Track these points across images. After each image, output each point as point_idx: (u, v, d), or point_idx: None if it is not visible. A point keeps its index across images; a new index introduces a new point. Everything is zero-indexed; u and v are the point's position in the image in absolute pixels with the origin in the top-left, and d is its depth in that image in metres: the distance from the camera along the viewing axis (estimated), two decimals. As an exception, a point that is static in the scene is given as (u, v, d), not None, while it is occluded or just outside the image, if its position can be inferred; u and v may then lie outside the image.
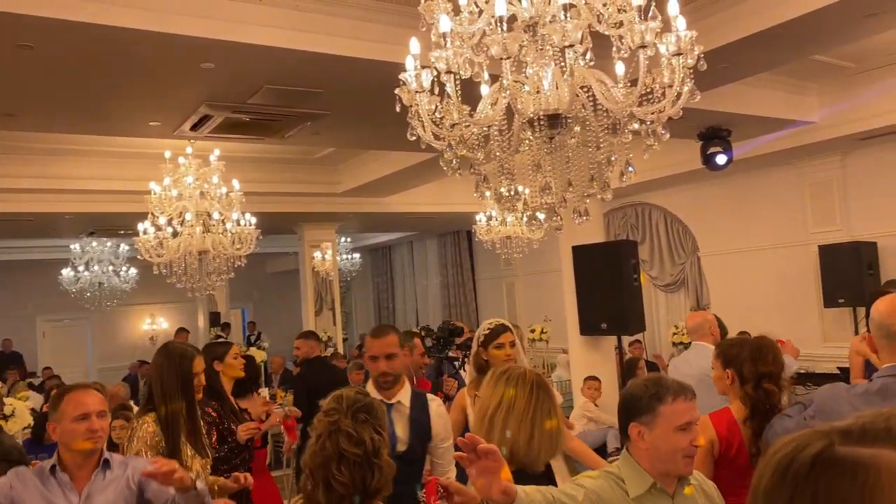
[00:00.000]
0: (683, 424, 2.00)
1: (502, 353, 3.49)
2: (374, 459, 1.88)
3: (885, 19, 4.53)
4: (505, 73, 2.54)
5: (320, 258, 11.54)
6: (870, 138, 7.34)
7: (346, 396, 1.97)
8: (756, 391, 2.82)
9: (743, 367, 2.88)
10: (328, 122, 5.94)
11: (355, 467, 1.86)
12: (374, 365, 3.06)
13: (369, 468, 1.87)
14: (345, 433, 1.88)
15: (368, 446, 1.88)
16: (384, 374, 3.03)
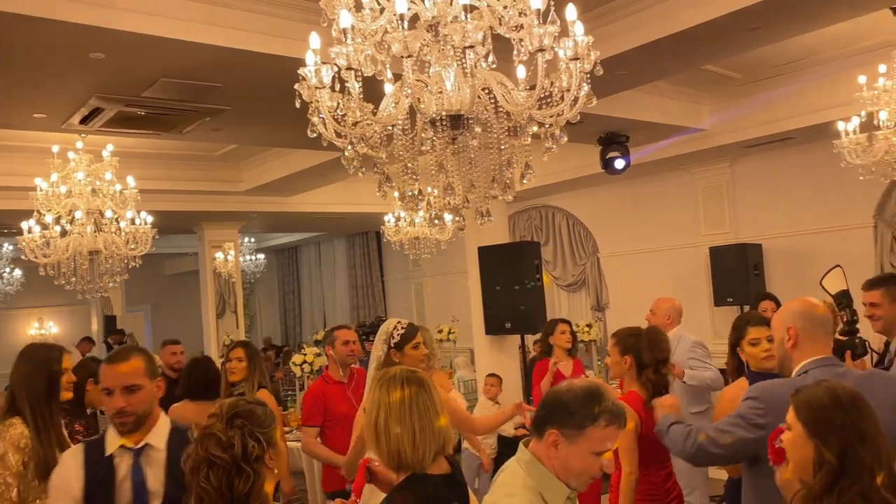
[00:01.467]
0: (603, 450, 2.01)
1: (419, 354, 3.38)
2: (243, 465, 1.83)
3: (768, 33, 4.82)
4: (406, 72, 2.54)
5: (222, 259, 11.19)
6: (756, 146, 7.78)
7: (228, 402, 1.94)
8: (656, 375, 3.20)
9: (642, 355, 3.23)
10: (228, 117, 5.77)
11: (222, 473, 1.81)
12: (109, 401, 2.36)
13: (238, 474, 1.82)
14: (215, 438, 1.84)
15: (237, 451, 1.83)
16: (121, 412, 2.34)
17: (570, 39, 2.66)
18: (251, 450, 1.85)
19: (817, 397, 1.82)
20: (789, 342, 2.48)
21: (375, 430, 2.12)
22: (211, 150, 8.67)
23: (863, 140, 5.24)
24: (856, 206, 7.46)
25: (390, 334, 3.38)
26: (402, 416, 2.09)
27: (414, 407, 2.10)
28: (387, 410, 2.10)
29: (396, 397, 2.11)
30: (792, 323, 2.48)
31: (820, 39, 5.97)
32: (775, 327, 2.58)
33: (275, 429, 1.96)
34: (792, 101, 6.95)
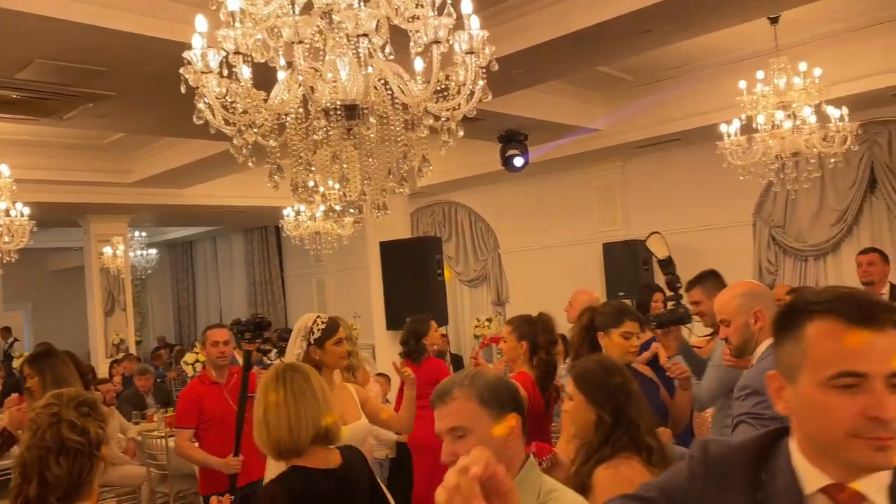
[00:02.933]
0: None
1: (342, 350, 3.21)
2: (95, 451, 1.82)
3: (659, 36, 5.02)
4: (297, 59, 2.47)
5: (110, 254, 10.63)
6: (646, 146, 8.11)
7: (65, 393, 1.89)
8: (547, 356, 3.46)
9: (537, 338, 3.48)
10: (113, 104, 5.47)
11: (76, 458, 1.78)
12: None
13: (89, 460, 1.81)
14: (67, 422, 1.80)
15: (92, 436, 1.82)
16: None
17: (465, 33, 2.67)
18: (101, 437, 1.84)
19: (591, 369, 2.22)
20: (757, 324, 2.53)
21: (259, 424, 2.21)
22: (97, 138, 8.22)
23: (743, 142, 5.53)
24: (737, 205, 7.91)
25: (309, 329, 3.18)
26: (278, 402, 2.18)
27: (289, 392, 2.19)
28: (265, 402, 2.20)
29: (273, 387, 2.21)
30: (758, 305, 2.55)
31: (706, 45, 6.27)
32: (732, 312, 2.60)
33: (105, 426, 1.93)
34: (679, 104, 7.28)
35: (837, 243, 7.48)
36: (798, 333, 1.14)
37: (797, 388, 1.13)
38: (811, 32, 6.18)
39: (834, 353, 1.09)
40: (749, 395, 2.30)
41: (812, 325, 1.12)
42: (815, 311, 1.13)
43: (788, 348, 1.15)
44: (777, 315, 1.20)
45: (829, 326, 1.11)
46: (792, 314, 1.16)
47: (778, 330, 1.18)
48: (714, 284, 3.98)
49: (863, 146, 6.90)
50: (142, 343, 14.62)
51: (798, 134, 5.30)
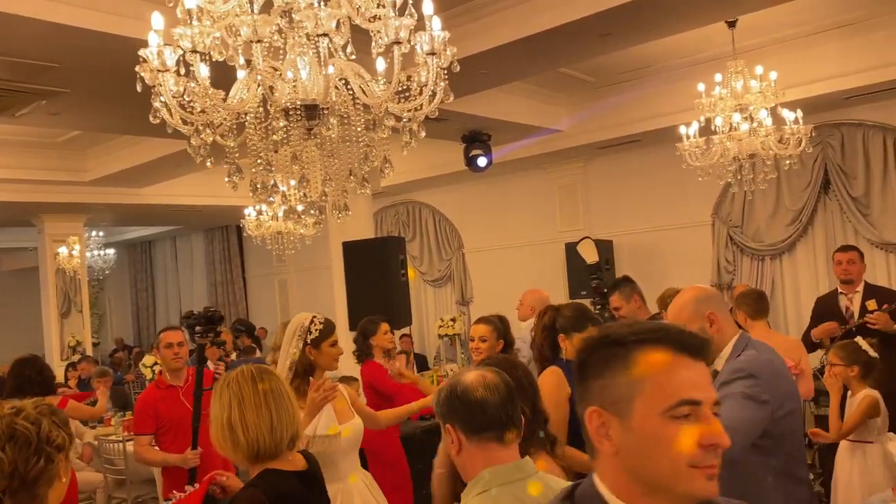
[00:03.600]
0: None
1: (336, 352, 3.15)
2: (45, 446, 1.73)
3: (618, 39, 5.08)
4: (256, 58, 2.44)
5: (66, 254, 10.38)
6: (608, 147, 8.20)
7: (30, 400, 1.82)
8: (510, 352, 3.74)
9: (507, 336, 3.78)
10: (68, 101, 5.34)
11: (23, 446, 1.70)
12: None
13: (37, 452, 1.71)
14: (23, 413, 1.73)
15: (43, 429, 1.73)
16: None
17: (426, 34, 2.66)
18: (55, 436, 1.74)
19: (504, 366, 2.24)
20: (713, 328, 2.54)
21: (230, 426, 2.12)
22: (52, 135, 8.02)
23: (701, 143, 5.62)
24: (696, 205, 8.04)
25: (307, 329, 3.10)
26: (258, 404, 2.12)
27: (269, 394, 2.15)
28: (240, 403, 2.12)
29: (250, 389, 2.14)
30: (710, 309, 2.56)
31: (665, 48, 6.37)
32: (686, 319, 2.60)
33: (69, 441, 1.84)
34: (640, 106, 7.38)
35: (793, 243, 7.66)
36: (628, 365, 1.09)
37: (630, 423, 1.08)
38: (767, 37, 6.31)
39: (672, 382, 1.07)
40: (745, 377, 2.34)
41: (645, 356, 1.09)
42: (645, 341, 1.10)
43: (617, 381, 1.10)
44: (593, 347, 1.14)
45: (663, 357, 1.08)
46: (616, 346, 1.11)
47: (598, 363, 1.12)
48: (629, 288, 4.10)
49: (816, 148, 7.08)
50: (99, 345, 14.33)
51: (755, 136, 5.41)
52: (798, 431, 2.39)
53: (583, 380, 1.15)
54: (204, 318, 3.70)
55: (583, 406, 1.14)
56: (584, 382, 1.14)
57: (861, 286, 4.98)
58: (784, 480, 2.34)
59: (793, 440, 2.37)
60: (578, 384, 1.16)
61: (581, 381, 1.15)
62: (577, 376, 1.17)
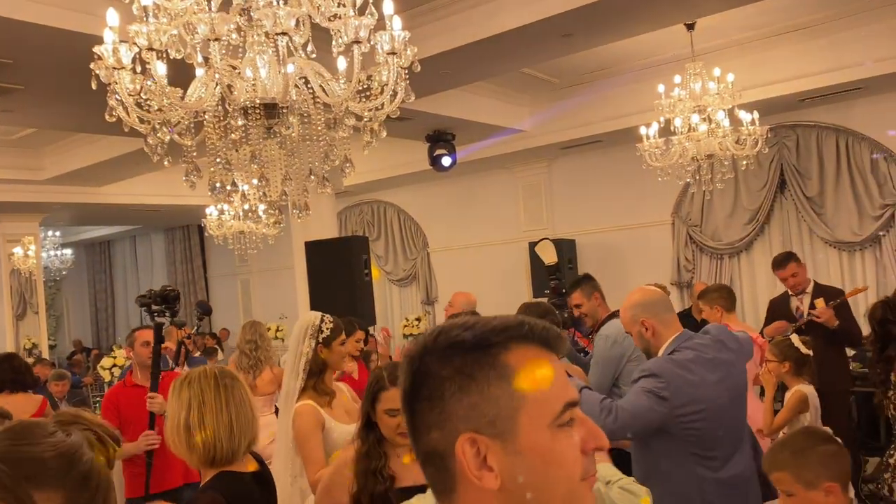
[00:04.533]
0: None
1: (345, 351, 3.21)
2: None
3: (579, 40, 5.13)
4: (213, 56, 2.42)
5: (21, 254, 10.13)
6: (571, 147, 8.27)
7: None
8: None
9: None
10: (22, 97, 5.21)
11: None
12: None
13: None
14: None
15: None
16: None
17: (386, 33, 2.67)
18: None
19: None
20: (648, 332, 2.68)
21: (187, 428, 2.08)
22: (6, 133, 7.82)
23: (661, 144, 5.71)
24: (656, 205, 8.16)
25: (318, 328, 3.09)
26: (219, 407, 2.10)
27: (230, 398, 2.12)
28: (200, 405, 2.09)
29: (212, 391, 2.12)
30: (643, 316, 2.69)
31: (626, 50, 6.45)
32: (627, 323, 2.76)
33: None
34: (602, 107, 7.46)
35: (750, 242, 7.82)
36: (502, 372, 0.87)
37: (516, 443, 0.85)
38: (725, 39, 6.44)
39: (553, 384, 0.89)
40: (650, 376, 2.51)
41: (518, 358, 0.88)
42: (512, 338, 0.89)
43: (492, 394, 0.86)
44: (443, 357, 0.90)
45: (534, 354, 0.89)
46: (476, 350, 0.88)
47: (455, 376, 0.88)
48: (591, 286, 4.18)
49: (773, 149, 7.24)
50: (56, 347, 14.02)
51: (713, 137, 5.51)
52: (708, 429, 2.50)
53: (431, 400, 0.89)
54: (160, 296, 3.67)
55: (438, 435, 0.88)
56: (435, 404, 0.88)
57: (810, 287, 5.13)
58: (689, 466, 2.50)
59: (702, 436, 2.50)
60: (418, 408, 0.90)
61: (427, 403, 0.89)
62: (413, 398, 0.91)
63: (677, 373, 2.51)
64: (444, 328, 0.92)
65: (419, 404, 0.90)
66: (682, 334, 2.69)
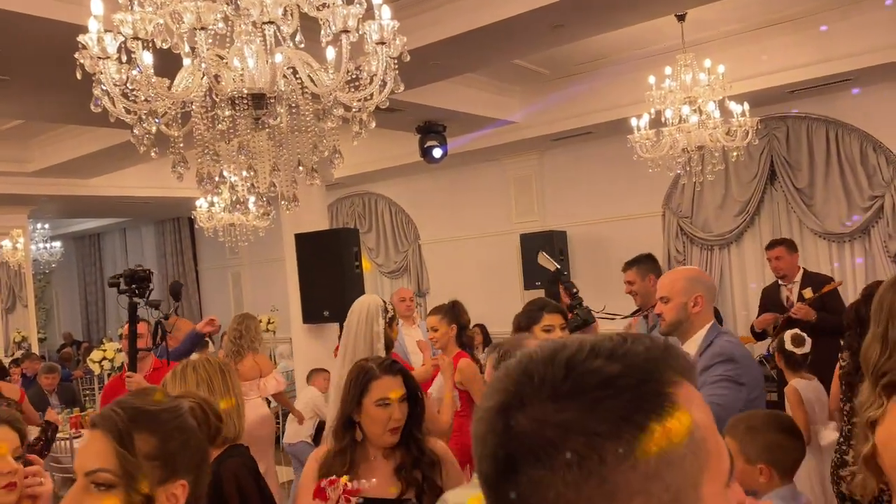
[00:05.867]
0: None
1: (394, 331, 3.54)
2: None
3: (570, 31, 5.11)
4: (200, 46, 2.39)
5: (9, 247, 10.06)
6: (562, 139, 8.26)
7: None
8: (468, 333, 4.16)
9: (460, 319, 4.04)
10: (7, 88, 5.15)
11: None
12: None
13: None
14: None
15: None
16: None
17: (375, 23, 2.64)
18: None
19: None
20: (695, 308, 2.68)
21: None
22: (-8, 125, 7.75)
23: (651, 135, 5.70)
24: (647, 197, 8.17)
25: (384, 308, 3.44)
26: (227, 390, 2.32)
27: (233, 384, 2.36)
28: (210, 390, 2.27)
29: (218, 377, 2.33)
30: (700, 292, 2.71)
31: (617, 41, 6.44)
32: (677, 291, 2.73)
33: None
34: (592, 98, 7.45)
35: (741, 233, 7.84)
36: (679, 417, 0.62)
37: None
38: (716, 30, 6.43)
39: (716, 431, 0.69)
40: (726, 361, 2.51)
41: (683, 396, 0.64)
42: (671, 369, 0.65)
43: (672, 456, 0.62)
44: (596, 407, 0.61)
45: (692, 394, 0.66)
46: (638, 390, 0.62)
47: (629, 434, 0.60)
48: (649, 267, 4.17)
49: (763, 140, 7.25)
50: (46, 340, 13.94)
51: (703, 128, 5.51)
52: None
53: (581, 469, 0.60)
54: (128, 276, 3.67)
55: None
56: (585, 474, 0.60)
57: (799, 275, 5.18)
58: None
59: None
60: (541, 481, 0.61)
61: (572, 473, 0.60)
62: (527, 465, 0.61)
63: (747, 355, 2.58)
64: (568, 356, 0.64)
65: (551, 476, 0.60)
66: (716, 325, 2.73)
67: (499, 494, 0.63)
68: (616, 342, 0.65)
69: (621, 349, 0.64)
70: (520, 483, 0.61)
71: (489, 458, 0.64)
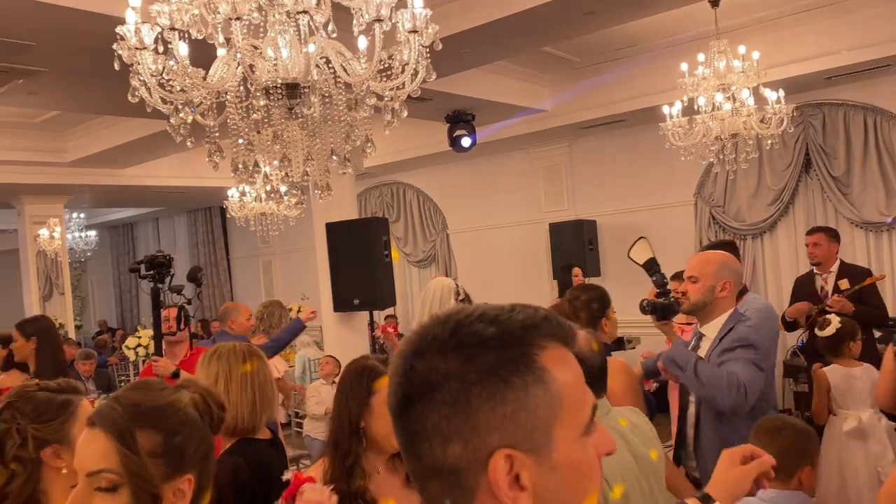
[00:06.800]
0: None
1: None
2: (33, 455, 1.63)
3: (602, 18, 5.06)
4: (235, 36, 2.42)
5: (46, 236, 10.28)
6: (592, 127, 8.19)
7: (17, 388, 1.74)
8: None
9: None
10: (45, 80, 5.25)
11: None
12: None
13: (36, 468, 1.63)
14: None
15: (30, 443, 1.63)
16: None
17: (408, 11, 2.65)
18: (8, 448, 1.63)
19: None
20: (722, 293, 2.77)
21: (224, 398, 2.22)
22: (30, 116, 7.90)
23: (684, 123, 5.63)
24: (679, 185, 8.07)
25: (456, 290, 3.46)
26: (244, 384, 2.26)
27: (255, 376, 2.29)
28: (227, 380, 2.25)
29: (238, 367, 2.28)
30: (729, 277, 2.80)
31: (649, 27, 6.35)
32: (708, 273, 2.80)
33: (65, 422, 1.72)
34: (624, 86, 7.37)
35: (774, 222, 7.72)
36: (538, 376, 0.76)
37: (552, 458, 0.76)
38: (750, 16, 6.32)
39: (584, 388, 0.81)
40: (749, 347, 2.60)
41: (551, 358, 0.78)
42: (542, 335, 0.79)
43: (528, 403, 0.75)
44: (470, 360, 0.76)
45: (564, 354, 0.80)
46: (510, 347, 0.77)
47: (494, 383, 0.75)
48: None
49: (798, 128, 7.12)
50: (82, 328, 14.24)
51: (737, 116, 5.42)
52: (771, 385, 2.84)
53: (453, 406, 0.76)
54: (149, 262, 3.73)
55: (460, 449, 0.76)
56: (457, 412, 0.76)
57: (836, 265, 5.09)
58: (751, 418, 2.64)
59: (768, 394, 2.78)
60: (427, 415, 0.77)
61: (446, 410, 0.76)
62: (418, 402, 0.78)
63: (765, 343, 2.74)
64: (459, 320, 0.79)
65: (431, 410, 0.76)
66: (737, 311, 2.81)
67: (398, 423, 0.81)
68: (502, 311, 0.80)
69: (503, 316, 0.79)
70: (410, 415, 0.79)
71: (394, 394, 0.82)
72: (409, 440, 0.80)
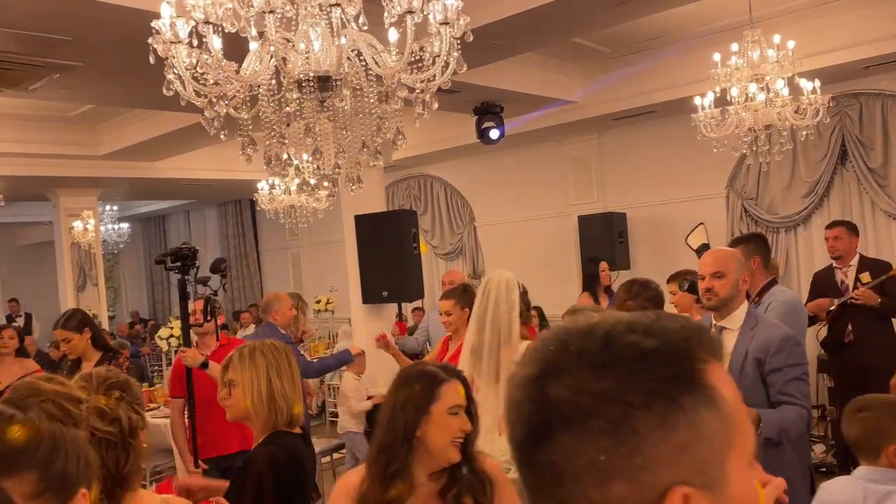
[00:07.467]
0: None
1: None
2: (130, 440, 1.72)
3: (634, 7, 5.00)
4: (269, 29, 2.43)
5: (80, 228, 10.47)
6: (622, 118, 8.11)
7: (95, 374, 1.79)
8: None
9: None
10: (80, 74, 5.34)
11: (108, 448, 1.66)
12: None
13: (124, 450, 1.70)
14: (98, 411, 1.67)
15: (124, 424, 1.71)
16: None
17: (439, 3, 2.64)
18: (136, 423, 1.73)
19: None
20: (745, 285, 2.93)
21: (270, 395, 2.28)
22: (65, 109, 8.04)
23: (716, 114, 5.54)
24: (710, 177, 7.96)
25: (515, 284, 3.47)
26: (291, 376, 2.33)
27: (295, 370, 2.36)
28: (278, 373, 2.31)
29: (285, 361, 2.34)
30: (745, 270, 2.98)
31: (681, 17, 6.27)
32: (731, 268, 2.91)
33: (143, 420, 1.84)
34: (655, 76, 7.28)
35: (808, 215, 7.59)
36: (708, 397, 0.65)
37: (725, 495, 0.64)
38: (784, 5, 6.20)
39: (743, 410, 0.69)
40: (798, 365, 2.71)
41: (713, 375, 0.66)
42: (704, 348, 0.67)
43: (703, 431, 0.64)
44: (633, 379, 0.64)
45: (723, 372, 0.68)
46: (672, 367, 0.65)
47: (663, 407, 0.63)
48: (751, 248, 4.12)
49: (834, 119, 6.98)
50: (115, 318, 14.48)
51: (771, 106, 5.32)
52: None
53: (616, 436, 0.62)
54: (174, 254, 3.77)
55: (624, 489, 0.63)
56: (621, 442, 0.62)
57: (855, 259, 5.05)
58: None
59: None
60: (577, 446, 0.64)
61: (606, 440, 0.63)
62: (561, 430, 0.64)
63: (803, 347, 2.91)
64: (606, 330, 0.67)
65: (584, 442, 0.63)
66: (753, 307, 2.98)
67: (532, 460, 0.66)
68: (651, 319, 0.68)
69: (657, 326, 0.67)
70: (553, 449, 0.64)
71: (523, 424, 0.67)
72: (545, 479, 0.65)
